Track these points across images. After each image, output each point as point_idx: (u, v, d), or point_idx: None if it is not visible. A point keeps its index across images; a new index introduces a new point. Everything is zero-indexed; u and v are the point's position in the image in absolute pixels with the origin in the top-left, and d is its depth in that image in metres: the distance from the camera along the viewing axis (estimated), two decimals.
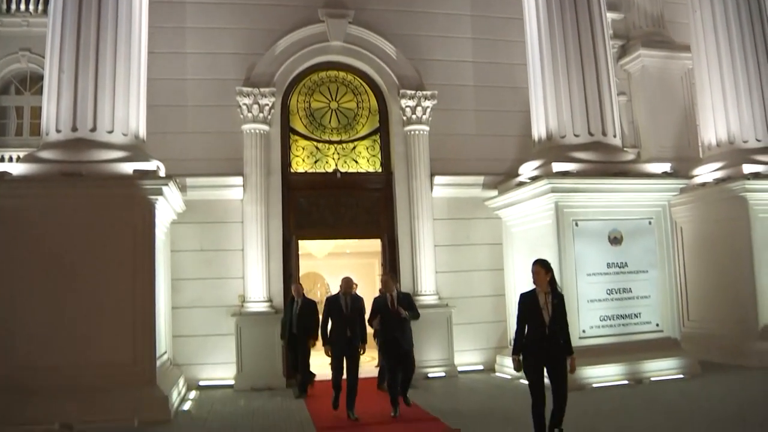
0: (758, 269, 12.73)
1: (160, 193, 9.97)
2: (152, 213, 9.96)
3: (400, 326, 9.35)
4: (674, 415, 8.65)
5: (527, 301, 7.06)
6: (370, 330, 9.76)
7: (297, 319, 11.59)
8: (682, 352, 11.91)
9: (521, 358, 6.97)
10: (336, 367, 9.45)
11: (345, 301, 9.52)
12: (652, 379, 11.12)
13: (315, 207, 13.62)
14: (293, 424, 9.24)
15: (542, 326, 6.85)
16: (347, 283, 9.73)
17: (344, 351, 9.39)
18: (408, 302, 9.63)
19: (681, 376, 11.47)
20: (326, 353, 9.61)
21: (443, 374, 12.86)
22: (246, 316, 12.37)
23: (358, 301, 9.68)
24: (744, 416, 8.56)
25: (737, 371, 11.95)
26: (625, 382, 11.15)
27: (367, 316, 9.66)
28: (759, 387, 10.75)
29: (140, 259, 9.76)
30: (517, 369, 7.02)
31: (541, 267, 7.04)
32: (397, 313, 9.33)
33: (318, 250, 19.73)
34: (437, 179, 13.64)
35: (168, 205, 10.86)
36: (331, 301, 9.72)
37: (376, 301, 9.61)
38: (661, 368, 11.53)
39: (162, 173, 10.47)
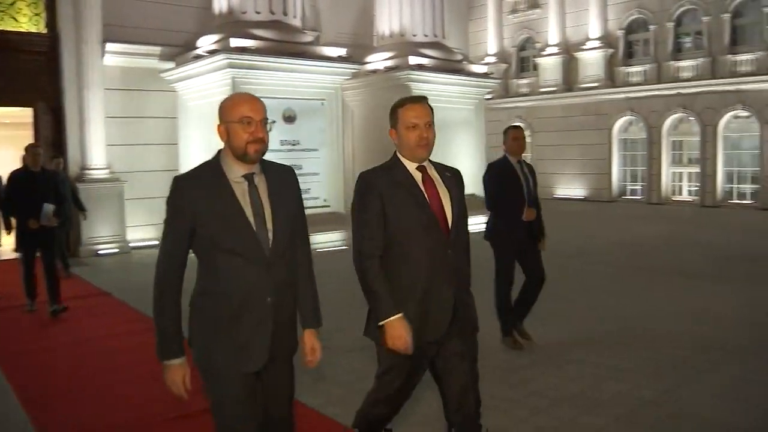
0: None
1: None
2: None
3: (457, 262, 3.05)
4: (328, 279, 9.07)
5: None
6: None
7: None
8: (346, 226, 12.85)
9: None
10: None
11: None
12: (319, 250, 11.79)
13: None
14: None
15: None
16: None
17: None
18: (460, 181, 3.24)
19: (345, 247, 12.37)
20: None
21: (116, 250, 12.51)
22: None
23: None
24: None
25: None
26: None
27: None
28: None
29: None
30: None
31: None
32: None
33: None
34: (110, 46, 12.74)
35: None
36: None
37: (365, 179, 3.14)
38: (328, 240, 12.40)
39: None
